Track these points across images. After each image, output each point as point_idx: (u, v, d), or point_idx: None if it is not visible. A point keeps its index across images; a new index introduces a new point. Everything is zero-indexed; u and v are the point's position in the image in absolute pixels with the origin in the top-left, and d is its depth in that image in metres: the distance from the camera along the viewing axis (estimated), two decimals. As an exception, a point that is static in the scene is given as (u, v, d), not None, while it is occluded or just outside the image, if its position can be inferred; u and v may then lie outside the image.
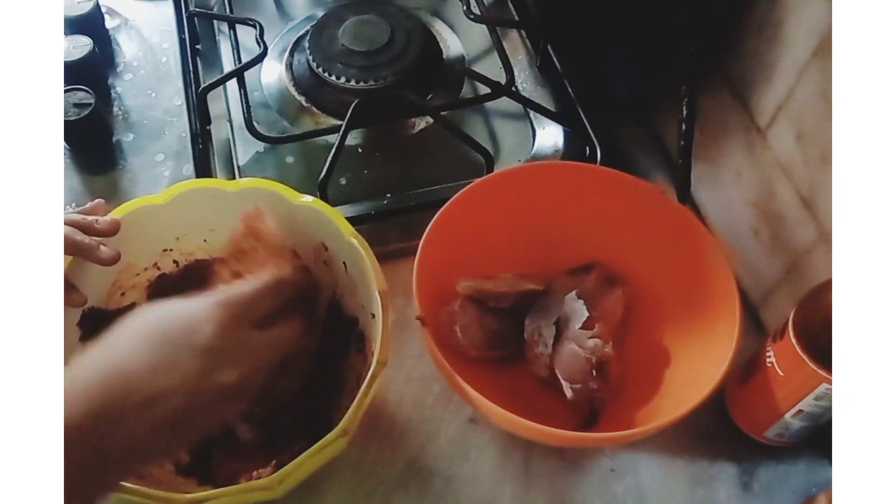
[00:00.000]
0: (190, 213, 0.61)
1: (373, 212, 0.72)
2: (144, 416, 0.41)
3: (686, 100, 0.62)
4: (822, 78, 0.54)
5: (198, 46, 0.85)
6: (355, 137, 0.79)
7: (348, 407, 0.51)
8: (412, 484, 0.60)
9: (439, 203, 0.63)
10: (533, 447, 0.62)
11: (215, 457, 0.59)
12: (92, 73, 0.80)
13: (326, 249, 0.61)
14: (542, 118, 0.79)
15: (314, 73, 0.81)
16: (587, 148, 0.76)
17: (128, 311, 0.62)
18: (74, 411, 0.39)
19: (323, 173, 0.69)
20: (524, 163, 0.77)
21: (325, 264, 0.61)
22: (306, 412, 0.59)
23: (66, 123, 0.74)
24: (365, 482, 0.60)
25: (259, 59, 0.78)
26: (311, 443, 0.50)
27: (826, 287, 0.51)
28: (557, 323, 0.62)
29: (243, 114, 0.75)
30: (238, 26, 0.82)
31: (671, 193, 0.66)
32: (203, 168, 0.75)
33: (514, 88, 0.78)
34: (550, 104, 0.81)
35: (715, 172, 0.69)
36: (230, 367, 0.44)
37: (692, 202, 0.71)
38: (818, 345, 0.51)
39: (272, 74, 0.84)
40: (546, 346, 0.62)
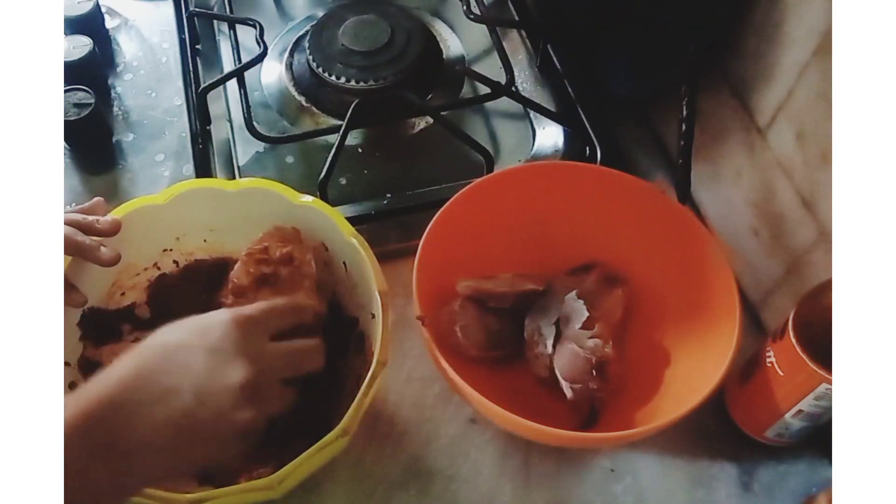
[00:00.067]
0: (190, 213, 0.61)
1: (373, 212, 0.72)
2: (154, 412, 0.42)
3: (686, 100, 0.62)
4: (822, 78, 0.54)
5: (198, 46, 0.85)
6: (355, 137, 0.79)
7: (348, 407, 0.51)
8: (412, 484, 0.60)
9: (439, 203, 0.63)
10: (533, 447, 0.62)
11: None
12: (92, 73, 0.80)
13: (326, 249, 0.61)
14: (542, 118, 0.79)
15: (314, 73, 0.81)
16: (587, 148, 0.76)
17: (128, 311, 0.63)
18: (89, 402, 0.41)
19: (323, 173, 0.69)
20: (524, 163, 0.77)
21: (325, 264, 0.61)
22: (306, 412, 0.59)
23: (66, 123, 0.74)
24: (365, 482, 0.60)
25: (259, 59, 0.78)
26: (311, 443, 0.50)
27: (826, 287, 0.51)
28: (557, 323, 0.62)
29: (243, 114, 0.75)
30: (238, 26, 0.82)
31: (671, 193, 0.66)
32: (203, 168, 0.75)
33: (514, 88, 0.78)
34: (550, 104, 0.81)
35: (715, 172, 0.69)
36: (237, 366, 0.45)
37: (692, 202, 0.71)
38: (818, 345, 0.51)
39: (272, 74, 0.84)
40: (546, 346, 0.62)
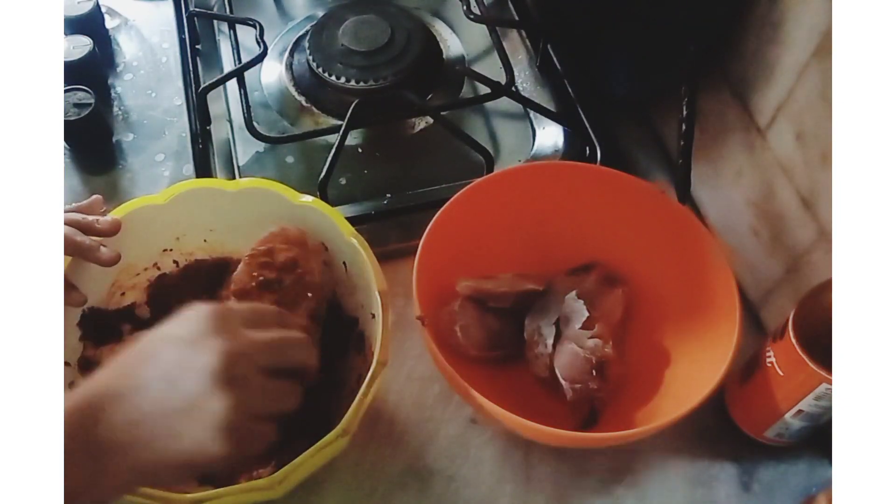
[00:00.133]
0: (190, 213, 0.61)
1: (373, 212, 0.72)
2: (127, 407, 0.42)
3: (686, 100, 0.62)
4: (822, 78, 0.54)
5: (198, 46, 0.85)
6: (355, 137, 0.79)
7: (348, 407, 0.51)
8: (412, 484, 0.60)
9: (439, 203, 0.63)
10: (533, 447, 0.62)
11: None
12: (92, 73, 0.80)
13: (326, 249, 0.61)
14: (542, 118, 0.79)
15: (314, 73, 0.81)
16: (587, 148, 0.76)
17: (128, 311, 0.63)
18: (71, 404, 0.41)
19: (323, 173, 0.69)
20: (524, 163, 0.77)
21: (325, 264, 0.61)
22: (306, 412, 0.59)
23: (66, 123, 0.74)
24: (365, 482, 0.60)
25: (259, 59, 0.78)
26: (311, 443, 0.50)
27: (826, 287, 0.51)
28: (557, 323, 0.62)
29: (243, 114, 0.75)
30: (238, 26, 0.82)
31: (671, 193, 0.66)
32: (203, 168, 0.75)
33: (514, 88, 0.78)
34: (550, 104, 0.81)
35: (715, 172, 0.69)
36: (208, 352, 0.44)
37: (692, 202, 0.71)
38: (818, 345, 0.51)
39: (272, 74, 0.84)
40: (546, 346, 0.62)
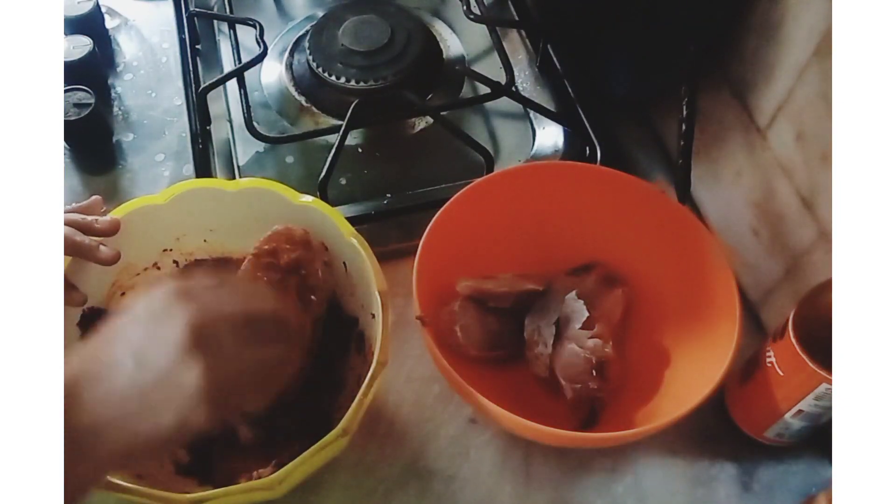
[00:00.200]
0: (190, 213, 0.61)
1: (373, 212, 0.72)
2: (98, 389, 0.42)
3: (686, 100, 0.62)
4: (822, 78, 0.54)
5: (198, 46, 0.85)
6: (355, 137, 0.79)
7: (348, 407, 0.51)
8: (412, 484, 0.60)
9: (439, 203, 0.63)
10: (533, 447, 0.62)
11: (215, 457, 0.59)
12: (92, 73, 0.80)
13: (326, 249, 0.61)
14: (542, 118, 0.79)
15: (314, 73, 0.81)
16: (587, 148, 0.76)
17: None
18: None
19: (323, 173, 0.69)
20: (524, 163, 0.77)
21: (325, 264, 0.61)
22: (306, 412, 0.59)
23: (66, 123, 0.74)
24: (365, 482, 0.60)
25: (259, 59, 0.78)
26: (311, 443, 0.50)
27: (826, 287, 0.51)
28: (557, 323, 0.62)
29: (243, 114, 0.75)
30: (238, 26, 0.82)
31: (671, 193, 0.66)
32: (203, 168, 0.75)
33: (514, 88, 0.78)
34: (550, 104, 0.81)
35: (715, 172, 0.69)
36: (174, 323, 0.43)
37: (692, 202, 0.71)
38: (818, 345, 0.51)
39: (272, 74, 0.84)
40: (546, 346, 0.62)
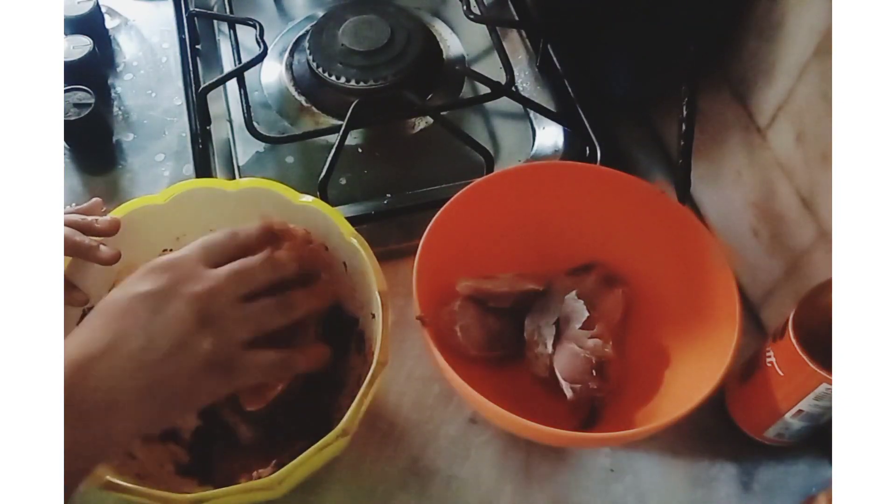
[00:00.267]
0: (190, 213, 0.61)
1: (373, 212, 0.72)
2: (110, 363, 0.43)
3: (686, 100, 0.62)
4: (822, 78, 0.54)
5: (198, 46, 0.85)
6: (355, 137, 0.79)
7: (348, 407, 0.51)
8: (412, 484, 0.60)
9: (439, 203, 0.63)
10: (533, 447, 0.62)
11: (215, 457, 0.59)
12: (92, 73, 0.80)
13: (326, 249, 0.61)
14: (542, 118, 0.79)
15: (314, 73, 0.81)
16: (587, 148, 0.76)
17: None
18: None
19: (323, 173, 0.69)
20: (524, 163, 0.77)
21: (325, 265, 0.61)
22: (306, 412, 0.59)
23: (66, 123, 0.74)
24: (365, 482, 0.60)
25: (259, 59, 0.78)
26: (311, 443, 0.50)
27: (826, 287, 0.51)
28: (557, 323, 0.62)
29: (243, 114, 0.75)
30: (238, 26, 0.82)
31: (671, 193, 0.66)
32: (203, 168, 0.75)
33: (514, 88, 0.78)
34: (550, 104, 0.81)
35: (715, 172, 0.69)
36: (180, 298, 0.46)
37: (692, 202, 0.71)
38: (818, 345, 0.51)
39: (272, 74, 0.84)
40: (546, 346, 0.62)
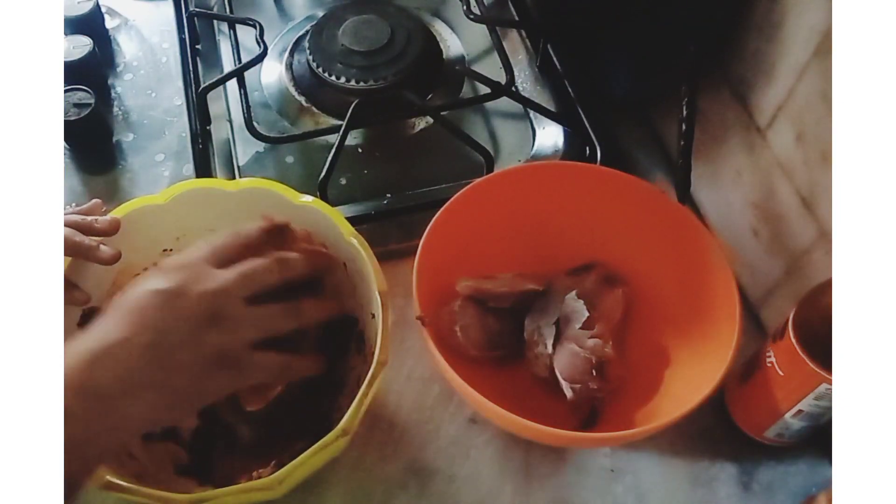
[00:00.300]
0: (190, 213, 0.61)
1: (373, 212, 0.72)
2: (123, 355, 0.44)
3: (686, 100, 0.62)
4: (822, 78, 0.54)
5: (198, 46, 0.85)
6: (355, 137, 0.79)
7: (348, 407, 0.51)
8: (412, 484, 0.60)
9: (439, 203, 0.63)
10: (533, 447, 0.62)
11: (215, 457, 0.59)
12: (92, 73, 0.80)
13: (326, 249, 0.61)
14: (542, 118, 0.79)
15: (314, 73, 0.81)
16: (587, 148, 0.76)
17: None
18: (68, 363, 0.42)
19: (323, 173, 0.69)
20: (524, 163, 0.77)
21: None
22: (306, 412, 0.59)
23: (66, 123, 0.74)
24: (365, 482, 0.60)
25: (259, 59, 0.78)
26: (311, 443, 0.50)
27: (826, 287, 0.51)
28: (557, 323, 0.62)
29: (243, 114, 0.75)
30: (238, 26, 0.82)
31: (671, 193, 0.66)
32: (203, 168, 0.75)
33: (514, 88, 0.78)
34: (550, 104, 0.81)
35: (715, 172, 0.69)
36: (189, 292, 0.46)
37: (692, 202, 0.71)
38: (818, 345, 0.51)
39: (272, 74, 0.84)
40: (546, 346, 0.62)
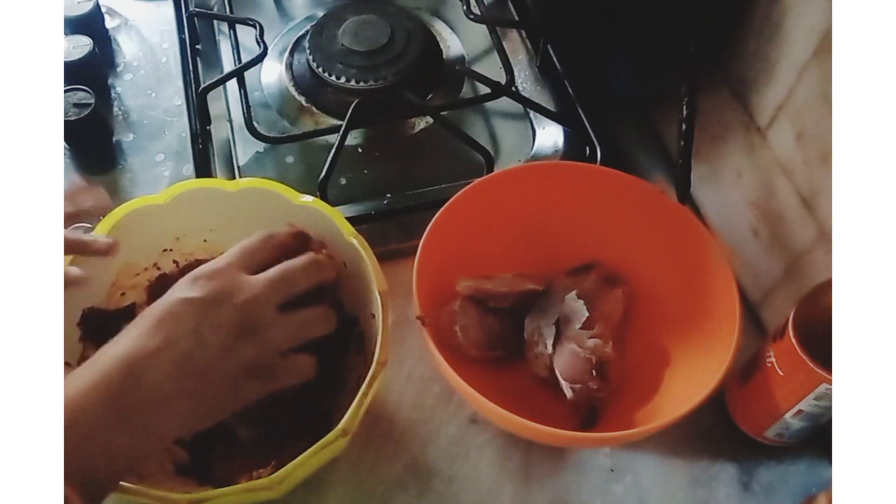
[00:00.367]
0: (190, 213, 0.61)
1: (373, 212, 0.72)
2: (159, 364, 0.45)
3: (686, 100, 0.62)
4: (822, 78, 0.54)
5: (198, 46, 0.85)
6: (355, 137, 0.79)
7: (348, 407, 0.51)
8: (412, 484, 0.60)
9: (439, 203, 0.63)
10: (533, 447, 0.62)
11: (215, 457, 0.59)
12: (92, 73, 0.80)
13: (326, 249, 0.61)
14: (542, 118, 0.79)
15: (314, 73, 0.81)
16: (587, 148, 0.76)
17: (128, 311, 0.63)
18: (101, 372, 0.43)
19: (323, 173, 0.70)
20: (524, 163, 0.77)
21: (328, 255, 0.61)
22: (306, 412, 0.59)
23: (66, 123, 0.74)
24: (365, 482, 0.60)
25: (259, 59, 0.78)
26: (311, 443, 0.50)
27: (826, 287, 0.51)
28: (557, 323, 0.62)
29: (243, 114, 0.75)
30: (238, 26, 0.82)
31: (671, 193, 0.66)
32: (203, 168, 0.75)
33: (514, 88, 0.78)
34: (550, 104, 0.81)
35: (715, 172, 0.69)
36: (226, 305, 0.47)
37: (692, 202, 0.71)
38: (818, 345, 0.51)
39: (272, 74, 0.84)
40: (546, 346, 0.62)
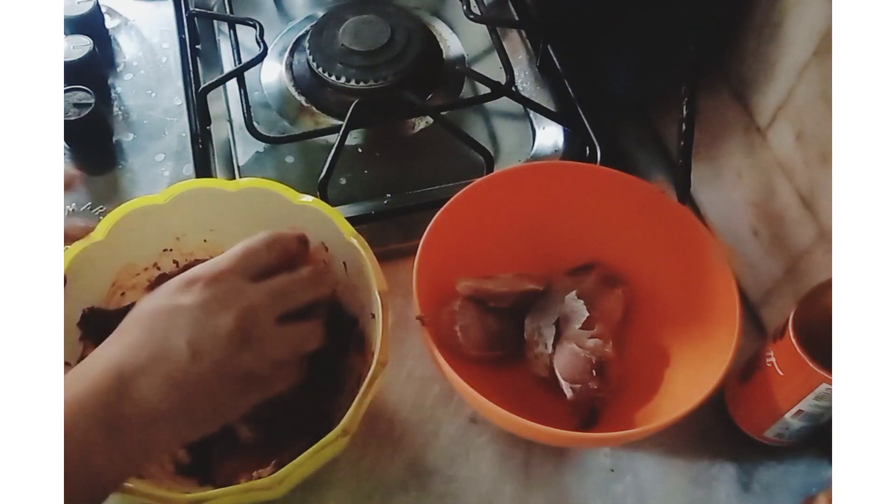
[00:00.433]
0: (190, 213, 0.61)
1: (373, 212, 0.72)
2: (153, 376, 0.44)
3: (686, 100, 0.62)
4: (822, 78, 0.54)
5: (198, 46, 0.85)
6: (355, 137, 0.79)
7: (348, 407, 0.51)
8: (412, 484, 0.60)
9: (439, 203, 0.63)
10: (533, 447, 0.62)
11: (215, 457, 0.59)
12: (92, 73, 0.80)
13: (326, 249, 0.61)
14: (542, 118, 0.79)
15: (314, 73, 0.81)
16: (587, 148, 0.76)
17: (128, 311, 0.63)
18: (91, 381, 0.43)
19: (323, 173, 0.70)
20: (524, 163, 0.77)
21: (325, 264, 0.61)
22: (306, 412, 0.59)
23: (66, 123, 0.74)
24: (365, 482, 0.60)
25: (259, 59, 0.78)
26: (311, 443, 0.50)
27: (826, 287, 0.51)
28: (557, 323, 0.62)
29: (243, 114, 0.75)
30: (238, 26, 0.82)
31: (671, 193, 0.66)
32: (203, 168, 0.75)
33: (514, 88, 0.78)
34: (550, 104, 0.81)
35: (715, 172, 0.69)
36: (223, 313, 0.46)
37: (692, 202, 0.71)
38: (818, 345, 0.51)
39: (272, 74, 0.84)
40: (546, 346, 0.62)
